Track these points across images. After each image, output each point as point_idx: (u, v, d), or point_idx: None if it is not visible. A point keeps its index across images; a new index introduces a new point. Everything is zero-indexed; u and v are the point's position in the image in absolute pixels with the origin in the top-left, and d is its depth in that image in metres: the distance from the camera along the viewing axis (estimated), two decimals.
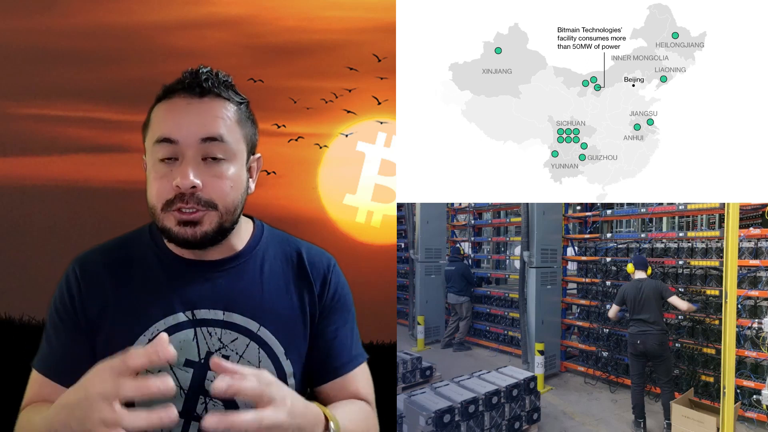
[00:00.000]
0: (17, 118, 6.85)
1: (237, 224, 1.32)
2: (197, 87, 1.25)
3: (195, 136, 1.22)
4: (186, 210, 1.22)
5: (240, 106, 1.30)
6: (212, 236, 1.26)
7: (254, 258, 1.36)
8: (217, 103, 1.26)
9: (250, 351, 1.31)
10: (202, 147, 1.23)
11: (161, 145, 1.22)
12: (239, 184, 1.28)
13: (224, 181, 1.24)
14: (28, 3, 6.58)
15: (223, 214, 1.25)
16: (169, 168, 1.22)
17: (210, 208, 1.23)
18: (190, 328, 1.29)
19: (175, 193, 1.22)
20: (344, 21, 6.46)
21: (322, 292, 1.38)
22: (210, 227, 1.24)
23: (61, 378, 1.27)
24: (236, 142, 1.27)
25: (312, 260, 1.39)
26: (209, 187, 1.23)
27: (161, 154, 1.22)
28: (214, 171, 1.23)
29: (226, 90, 1.28)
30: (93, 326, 1.29)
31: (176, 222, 1.23)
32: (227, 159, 1.25)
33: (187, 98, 1.25)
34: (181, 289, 1.29)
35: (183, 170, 1.21)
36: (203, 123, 1.23)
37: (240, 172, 1.28)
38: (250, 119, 1.32)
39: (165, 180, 1.22)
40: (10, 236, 6.31)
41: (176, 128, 1.22)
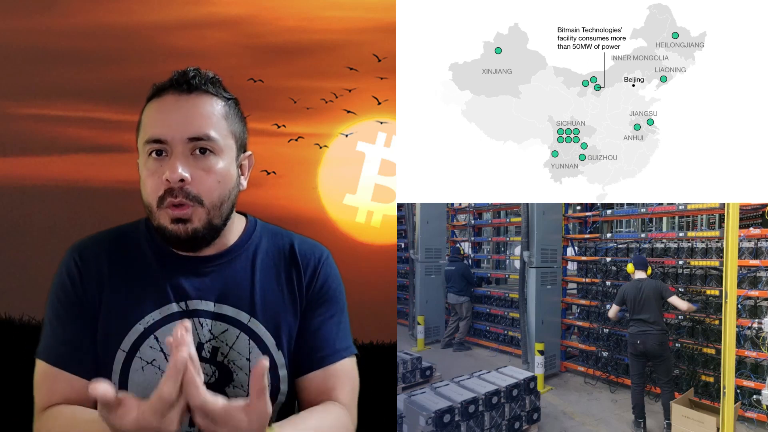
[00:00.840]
0: (17, 118, 6.86)
1: (229, 221, 1.34)
2: (185, 84, 1.28)
3: (183, 133, 1.25)
4: (176, 203, 1.25)
5: (228, 102, 1.33)
6: (203, 233, 1.28)
7: (246, 251, 1.37)
8: (204, 99, 1.29)
9: (240, 342, 1.32)
10: (191, 144, 1.26)
11: (151, 145, 1.26)
12: (228, 179, 1.30)
13: (212, 175, 1.27)
14: (28, 3, 6.58)
15: (210, 209, 1.27)
16: (159, 164, 1.25)
17: (197, 203, 1.26)
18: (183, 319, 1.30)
19: (165, 188, 1.24)
20: (344, 21, 6.46)
21: (310, 282, 1.39)
22: (199, 224, 1.27)
23: (74, 367, 1.28)
24: (224, 138, 1.29)
25: (303, 251, 1.41)
26: (197, 181, 1.25)
27: (151, 150, 1.26)
28: (202, 165, 1.26)
29: (214, 86, 1.31)
30: (94, 312, 1.30)
31: (170, 220, 1.25)
32: (215, 153, 1.28)
33: (176, 95, 1.28)
34: (174, 281, 1.31)
35: (172, 164, 1.24)
36: (191, 122, 1.26)
37: (229, 167, 1.30)
38: (239, 116, 1.35)
39: (156, 176, 1.25)
40: (10, 236, 6.31)
41: (165, 128, 1.26)
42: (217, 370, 1.31)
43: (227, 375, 1.32)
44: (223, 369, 1.32)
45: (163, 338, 1.30)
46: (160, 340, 1.30)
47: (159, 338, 1.30)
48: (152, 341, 1.30)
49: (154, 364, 1.30)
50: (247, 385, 1.30)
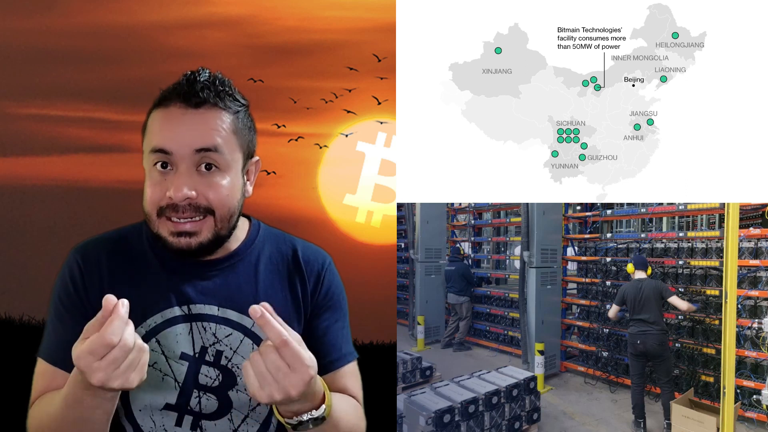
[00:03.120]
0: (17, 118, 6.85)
1: (234, 230, 1.33)
2: (193, 97, 1.25)
3: (189, 147, 1.23)
4: (179, 220, 1.23)
5: (237, 114, 1.29)
6: (207, 245, 1.27)
7: (250, 256, 1.37)
8: (213, 114, 1.26)
9: (245, 346, 1.32)
10: (197, 157, 1.24)
11: (156, 154, 1.24)
12: (234, 192, 1.29)
13: (219, 189, 1.25)
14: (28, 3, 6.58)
15: (219, 221, 1.26)
16: (164, 176, 1.24)
17: (207, 214, 1.25)
18: (186, 323, 1.31)
19: (167, 203, 1.23)
20: (344, 21, 6.46)
21: (315, 289, 1.40)
22: (206, 237, 1.26)
23: (72, 366, 1.28)
24: (231, 152, 1.27)
25: (307, 257, 1.41)
26: (205, 194, 1.24)
27: (156, 161, 1.24)
28: (208, 181, 1.24)
29: (223, 99, 1.27)
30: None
31: (171, 233, 1.25)
32: (222, 169, 1.26)
33: (183, 108, 1.25)
34: (177, 285, 1.31)
35: (176, 183, 1.22)
36: (198, 134, 1.24)
37: (235, 181, 1.29)
38: (248, 126, 1.32)
39: (158, 188, 1.24)
40: (10, 236, 6.31)
41: (171, 139, 1.23)
42: (221, 373, 1.32)
43: (231, 378, 1.32)
44: (227, 372, 1.32)
45: (164, 341, 1.31)
46: (162, 343, 1.30)
47: (160, 341, 1.30)
48: (154, 344, 1.30)
49: (156, 366, 1.30)
50: None
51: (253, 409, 1.34)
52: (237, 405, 1.33)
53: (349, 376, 1.42)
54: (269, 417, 1.36)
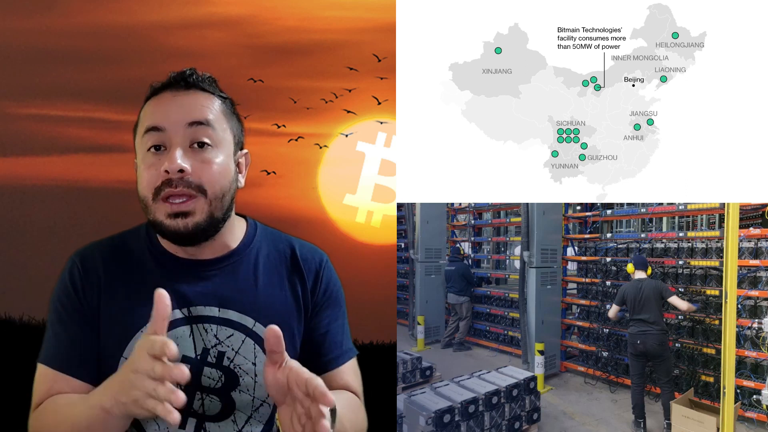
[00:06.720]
0: (17, 118, 6.86)
1: (229, 220, 1.34)
2: (182, 81, 1.30)
3: (182, 122, 1.26)
4: (176, 200, 1.24)
5: (224, 101, 1.34)
6: (204, 227, 1.27)
7: (248, 255, 1.37)
8: (202, 95, 1.31)
9: (246, 347, 1.32)
10: (190, 132, 1.26)
11: (149, 135, 1.26)
12: (227, 171, 1.30)
13: (212, 165, 1.27)
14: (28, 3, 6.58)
15: (212, 200, 1.27)
16: (158, 157, 1.26)
17: (199, 193, 1.26)
18: (186, 325, 1.31)
19: (163, 179, 1.24)
20: (344, 21, 6.46)
21: (314, 288, 1.40)
22: (201, 217, 1.26)
23: (76, 370, 1.28)
24: (222, 131, 1.31)
25: (305, 256, 1.42)
26: (198, 172, 1.26)
27: (150, 143, 1.26)
28: (201, 156, 1.27)
29: (210, 85, 1.33)
30: (95, 318, 1.30)
31: (167, 215, 1.25)
32: (214, 146, 1.28)
33: (173, 91, 1.30)
34: (176, 287, 1.30)
35: (171, 155, 1.24)
36: (190, 110, 1.28)
37: (228, 161, 1.31)
38: (235, 115, 1.37)
39: (153, 168, 1.25)
40: (10, 236, 6.31)
41: (163, 117, 1.27)
42: (224, 374, 1.32)
43: (233, 379, 1.32)
44: (229, 373, 1.32)
45: None
46: None
47: None
48: None
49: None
50: (253, 389, 1.31)
51: (256, 409, 1.34)
52: (240, 406, 1.33)
53: (350, 372, 1.44)
54: (272, 417, 1.36)
